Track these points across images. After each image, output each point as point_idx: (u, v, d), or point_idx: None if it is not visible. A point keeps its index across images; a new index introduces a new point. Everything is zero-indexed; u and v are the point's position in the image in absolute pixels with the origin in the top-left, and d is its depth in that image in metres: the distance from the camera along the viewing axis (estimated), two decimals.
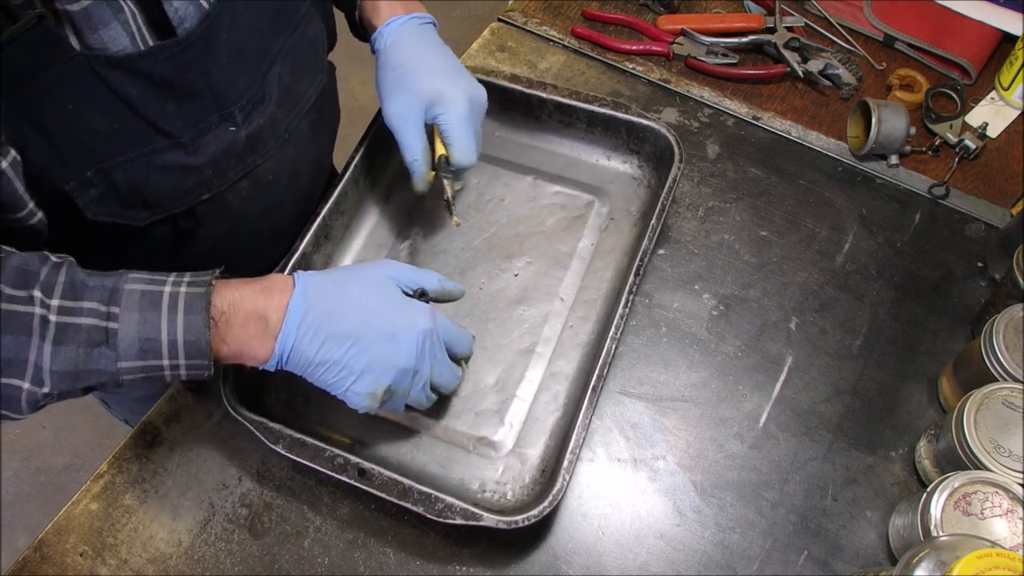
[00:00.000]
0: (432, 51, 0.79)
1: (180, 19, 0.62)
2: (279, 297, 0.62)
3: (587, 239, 0.87)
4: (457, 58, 0.81)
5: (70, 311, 0.55)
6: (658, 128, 0.87)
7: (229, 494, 0.75)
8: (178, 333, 0.58)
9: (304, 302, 0.62)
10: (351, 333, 0.63)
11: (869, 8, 1.09)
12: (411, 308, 0.66)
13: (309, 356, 0.63)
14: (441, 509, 0.65)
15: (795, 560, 0.72)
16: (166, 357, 0.58)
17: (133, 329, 0.57)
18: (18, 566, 0.72)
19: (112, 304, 0.56)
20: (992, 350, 0.72)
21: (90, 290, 0.57)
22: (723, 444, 0.78)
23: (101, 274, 0.58)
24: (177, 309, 0.58)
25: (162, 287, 0.58)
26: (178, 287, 0.59)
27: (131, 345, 0.57)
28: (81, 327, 0.56)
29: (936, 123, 0.99)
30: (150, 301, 0.57)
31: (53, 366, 0.55)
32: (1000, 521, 0.64)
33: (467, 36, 1.21)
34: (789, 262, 0.89)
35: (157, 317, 0.57)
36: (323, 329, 0.62)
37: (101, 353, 0.56)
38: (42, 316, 0.55)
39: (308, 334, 0.62)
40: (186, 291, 0.58)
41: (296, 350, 0.62)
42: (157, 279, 0.59)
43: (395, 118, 0.77)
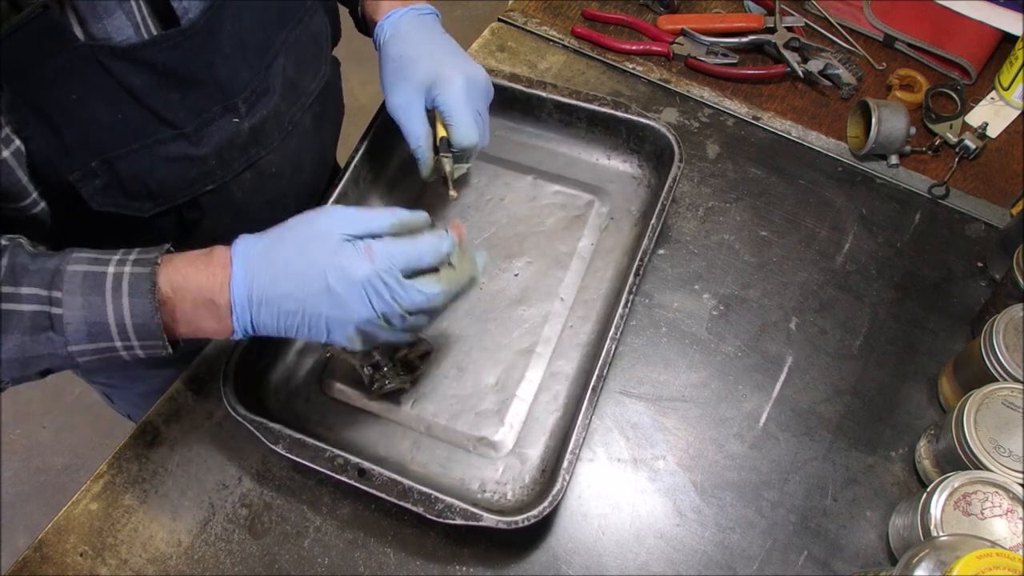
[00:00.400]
0: (430, 40, 0.79)
1: (184, 10, 0.62)
2: (221, 274, 0.59)
3: (587, 239, 0.87)
4: (457, 44, 0.80)
5: (10, 297, 0.55)
6: (658, 127, 0.87)
7: (229, 494, 0.75)
8: (125, 316, 0.56)
9: (245, 276, 0.59)
10: (294, 297, 0.59)
11: (869, 8, 1.09)
12: (342, 258, 0.59)
13: (272, 326, 0.60)
14: (441, 509, 0.65)
15: (795, 560, 0.72)
16: (117, 339, 0.57)
17: (78, 313, 0.56)
18: (18, 566, 0.72)
19: (54, 288, 0.55)
20: (992, 350, 0.72)
21: (31, 274, 0.56)
22: (723, 444, 0.78)
23: (45, 255, 0.57)
24: (121, 291, 0.56)
25: (105, 267, 0.57)
26: (122, 267, 0.57)
27: (78, 329, 0.56)
28: (23, 313, 0.55)
29: (936, 123, 0.99)
30: (93, 283, 0.56)
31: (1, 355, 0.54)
32: (1000, 521, 0.64)
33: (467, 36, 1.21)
34: (789, 262, 0.89)
35: (101, 301, 0.56)
36: (271, 300, 0.59)
37: (48, 338, 0.55)
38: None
39: (261, 308, 0.59)
40: (130, 271, 0.57)
41: (257, 323, 0.60)
42: (101, 258, 0.57)
43: (397, 109, 0.77)
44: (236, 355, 0.73)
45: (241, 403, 0.71)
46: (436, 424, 0.76)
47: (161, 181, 0.66)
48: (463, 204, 0.89)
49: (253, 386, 0.76)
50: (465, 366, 0.79)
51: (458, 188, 0.81)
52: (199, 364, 0.82)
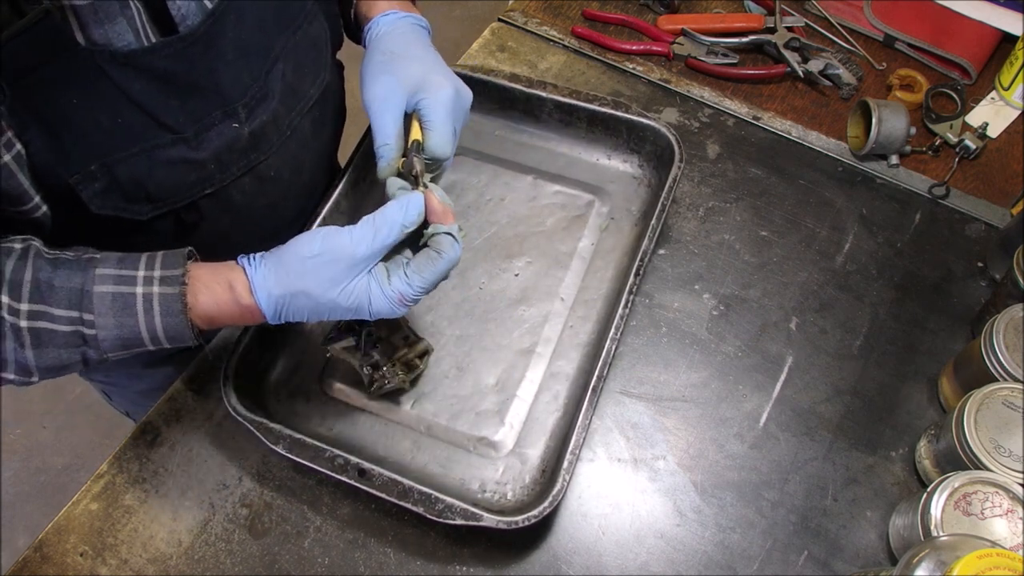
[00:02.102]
0: (423, 47, 0.78)
1: (182, 16, 0.62)
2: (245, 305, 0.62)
3: (587, 239, 0.87)
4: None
5: (40, 315, 0.57)
6: (658, 127, 0.87)
7: (229, 494, 0.75)
8: (158, 331, 0.60)
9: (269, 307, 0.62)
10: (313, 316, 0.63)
11: (869, 8, 1.09)
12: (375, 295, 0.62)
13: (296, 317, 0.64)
14: (441, 509, 0.65)
15: (795, 560, 0.72)
16: (149, 344, 0.61)
17: (112, 332, 0.59)
18: (18, 566, 0.72)
19: (85, 311, 0.58)
20: (992, 350, 0.72)
21: (57, 292, 0.57)
22: (723, 444, 0.78)
23: (67, 269, 0.58)
24: (153, 312, 0.59)
25: (133, 287, 0.59)
26: (150, 287, 0.59)
27: (113, 344, 0.59)
28: (58, 333, 0.57)
29: (936, 123, 0.99)
30: (123, 306, 0.59)
31: (39, 363, 0.58)
32: (1000, 521, 0.64)
33: (467, 36, 1.20)
34: (789, 262, 0.89)
35: (134, 321, 0.59)
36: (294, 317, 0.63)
37: (84, 351, 0.59)
38: (12, 325, 0.56)
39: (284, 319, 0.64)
40: (159, 292, 0.59)
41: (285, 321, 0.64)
42: (126, 276, 0.59)
43: (375, 100, 0.72)
44: (236, 355, 0.73)
45: (241, 403, 0.71)
46: (436, 424, 0.76)
47: (160, 185, 0.66)
48: (463, 204, 0.89)
49: (253, 386, 0.76)
50: (465, 366, 0.79)
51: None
52: (199, 364, 0.82)
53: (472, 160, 0.93)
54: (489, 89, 0.92)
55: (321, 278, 0.61)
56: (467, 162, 0.93)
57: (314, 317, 0.63)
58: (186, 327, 0.60)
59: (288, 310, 0.62)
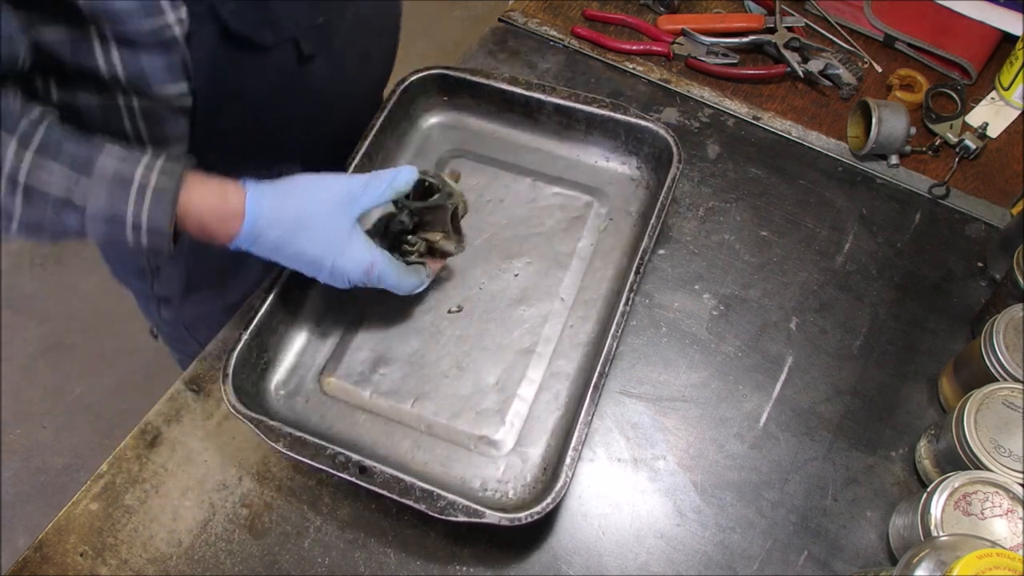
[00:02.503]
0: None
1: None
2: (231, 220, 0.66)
3: (586, 239, 0.87)
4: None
5: (41, 168, 0.59)
6: (656, 129, 0.87)
7: (229, 494, 0.75)
8: (142, 218, 0.61)
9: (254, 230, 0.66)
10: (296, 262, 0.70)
11: (869, 8, 1.09)
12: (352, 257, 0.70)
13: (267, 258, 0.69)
14: (443, 506, 0.65)
15: (795, 560, 0.72)
16: (129, 233, 0.62)
17: (100, 205, 0.60)
18: (18, 566, 0.72)
19: (83, 173, 0.60)
20: (992, 350, 0.72)
21: (63, 154, 0.60)
22: (723, 444, 0.78)
23: (79, 140, 0.61)
24: (144, 199, 0.61)
25: (135, 168, 0.61)
26: (149, 172, 0.62)
27: (96, 216, 0.61)
28: (48, 195, 0.59)
29: (936, 123, 1.00)
30: (120, 183, 0.61)
31: (22, 216, 0.60)
32: (1000, 521, 0.64)
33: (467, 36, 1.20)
34: (789, 262, 0.89)
35: (124, 202, 0.61)
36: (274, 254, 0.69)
37: (68, 216, 0.60)
38: (12, 170, 0.58)
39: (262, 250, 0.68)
40: (155, 183, 0.61)
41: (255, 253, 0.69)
42: (131, 157, 0.62)
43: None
44: (235, 354, 0.73)
45: (241, 402, 0.71)
46: (437, 423, 0.76)
47: (282, 4, 0.71)
48: None
49: (253, 385, 0.76)
50: (466, 365, 0.79)
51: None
52: (199, 364, 0.82)
53: (472, 162, 0.93)
54: (489, 92, 0.92)
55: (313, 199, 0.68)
56: (467, 164, 0.93)
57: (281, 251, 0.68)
58: (168, 217, 0.61)
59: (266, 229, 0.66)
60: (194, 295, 0.97)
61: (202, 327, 1.03)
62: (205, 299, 0.98)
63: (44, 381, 1.95)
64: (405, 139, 0.94)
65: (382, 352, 0.80)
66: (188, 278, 0.94)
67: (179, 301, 0.98)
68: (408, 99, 0.92)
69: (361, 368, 0.79)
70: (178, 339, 1.09)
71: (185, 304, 0.99)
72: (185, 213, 0.64)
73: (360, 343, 0.81)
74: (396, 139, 0.92)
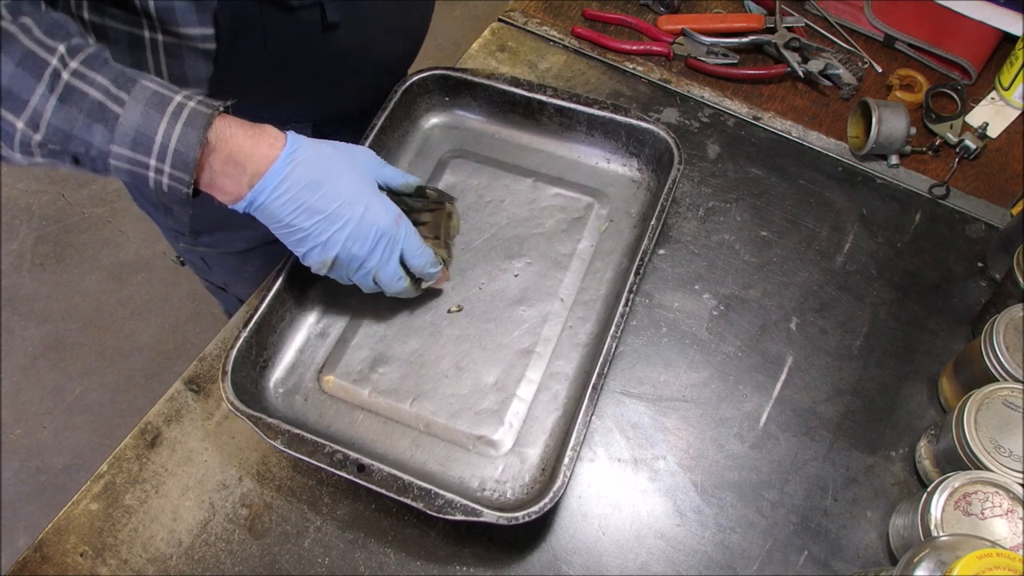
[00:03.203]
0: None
1: None
2: (266, 148, 0.65)
3: (586, 240, 0.87)
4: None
5: (83, 77, 0.58)
6: (657, 131, 0.87)
7: (229, 494, 0.75)
8: (172, 139, 0.61)
9: (289, 164, 0.66)
10: (323, 209, 0.68)
11: (869, 8, 1.09)
12: (382, 204, 0.71)
13: (278, 217, 0.67)
14: (441, 505, 0.65)
15: (795, 560, 0.72)
16: (154, 157, 0.61)
17: (134, 119, 0.60)
18: (18, 566, 0.72)
19: (123, 89, 0.59)
20: (992, 350, 0.72)
21: (109, 68, 0.60)
22: (723, 444, 0.78)
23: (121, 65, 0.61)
24: (179, 118, 0.61)
25: (174, 95, 0.61)
26: (188, 100, 0.62)
27: (126, 133, 0.60)
28: (87, 96, 0.58)
29: (936, 123, 1.00)
30: (159, 102, 0.60)
31: (52, 119, 0.58)
32: (1000, 521, 0.64)
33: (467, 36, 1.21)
34: (789, 262, 0.89)
35: (159, 118, 0.60)
36: (299, 197, 0.67)
37: (98, 128, 0.59)
38: (56, 69, 0.57)
39: (283, 197, 0.66)
40: (193, 106, 0.61)
41: (267, 207, 0.66)
42: (173, 88, 0.62)
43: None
44: (235, 352, 0.73)
45: (240, 400, 0.71)
46: (435, 422, 0.76)
47: None
48: (464, 206, 0.89)
49: (252, 383, 0.76)
50: (465, 365, 0.79)
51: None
52: (199, 364, 0.82)
53: (472, 163, 0.93)
54: (490, 93, 0.92)
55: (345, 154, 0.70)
56: (467, 164, 0.93)
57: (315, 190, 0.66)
58: (197, 142, 0.61)
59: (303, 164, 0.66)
60: (204, 235, 0.99)
61: (217, 265, 1.07)
62: (216, 241, 1.00)
63: (44, 381, 1.95)
64: (406, 139, 0.94)
65: (381, 351, 0.80)
66: (192, 222, 0.95)
67: (191, 238, 1.00)
68: (409, 99, 0.92)
69: (360, 367, 0.79)
70: (199, 268, 1.11)
71: (198, 244, 1.01)
72: (217, 139, 0.63)
73: (359, 342, 0.81)
74: (397, 139, 0.92)
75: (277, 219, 0.68)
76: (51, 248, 2.18)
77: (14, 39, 0.56)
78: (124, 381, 1.96)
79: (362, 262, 0.72)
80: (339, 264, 0.72)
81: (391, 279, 0.75)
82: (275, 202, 0.66)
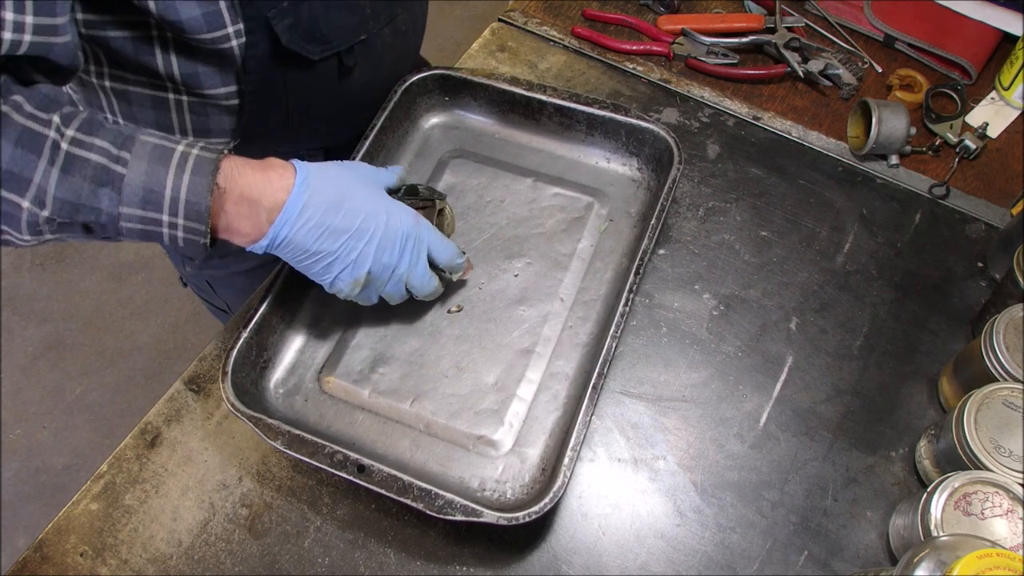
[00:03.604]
0: None
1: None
2: (278, 180, 0.64)
3: (586, 240, 0.87)
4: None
5: (82, 144, 0.58)
6: (657, 131, 0.87)
7: (229, 494, 0.75)
8: (181, 191, 0.60)
9: (306, 191, 0.65)
10: (348, 228, 0.67)
11: (869, 8, 1.09)
12: (400, 209, 0.71)
13: (304, 246, 0.66)
14: (441, 505, 0.65)
15: (795, 560, 0.72)
16: (166, 212, 0.60)
17: (139, 177, 0.59)
18: (18, 566, 0.72)
19: (124, 149, 0.59)
20: (992, 350, 0.72)
21: (106, 130, 0.59)
22: (723, 444, 0.78)
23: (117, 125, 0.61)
24: (185, 168, 0.60)
25: (175, 145, 0.61)
26: (190, 148, 0.61)
27: (135, 192, 0.59)
28: (89, 162, 0.58)
29: (936, 123, 1.00)
30: (160, 155, 0.60)
31: (56, 192, 0.57)
32: (1000, 521, 0.64)
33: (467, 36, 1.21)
34: (789, 262, 0.89)
35: (164, 171, 0.59)
36: (324, 221, 0.65)
37: (105, 193, 0.58)
38: (54, 141, 0.57)
39: (308, 225, 0.65)
40: (197, 154, 0.61)
41: (291, 239, 0.65)
42: (172, 138, 0.62)
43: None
44: (235, 353, 0.73)
45: (240, 400, 0.71)
46: (435, 422, 0.76)
47: (330, 25, 0.76)
48: (464, 206, 0.89)
49: (252, 384, 0.76)
50: (465, 365, 0.79)
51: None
52: (199, 364, 0.82)
53: (472, 163, 0.93)
54: (490, 93, 0.92)
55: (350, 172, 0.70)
56: (467, 164, 0.93)
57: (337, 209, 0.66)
58: (207, 190, 0.60)
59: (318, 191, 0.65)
60: (217, 257, 0.99)
61: (223, 286, 1.07)
62: (228, 263, 1.00)
63: (44, 381, 1.95)
64: (406, 139, 0.94)
65: (381, 351, 0.80)
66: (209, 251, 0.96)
67: (201, 262, 1.00)
68: (409, 99, 0.92)
69: (360, 367, 0.79)
70: (203, 290, 1.11)
71: (206, 266, 1.01)
72: (227, 180, 0.62)
73: (359, 342, 0.81)
74: (397, 139, 0.92)
75: (303, 249, 0.66)
76: (51, 248, 2.18)
77: (8, 118, 0.55)
78: (124, 381, 1.96)
79: (393, 269, 0.71)
80: (372, 279, 0.70)
81: (423, 281, 0.74)
82: (300, 231, 0.65)
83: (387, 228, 0.69)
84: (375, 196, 0.70)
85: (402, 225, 0.70)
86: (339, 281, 0.69)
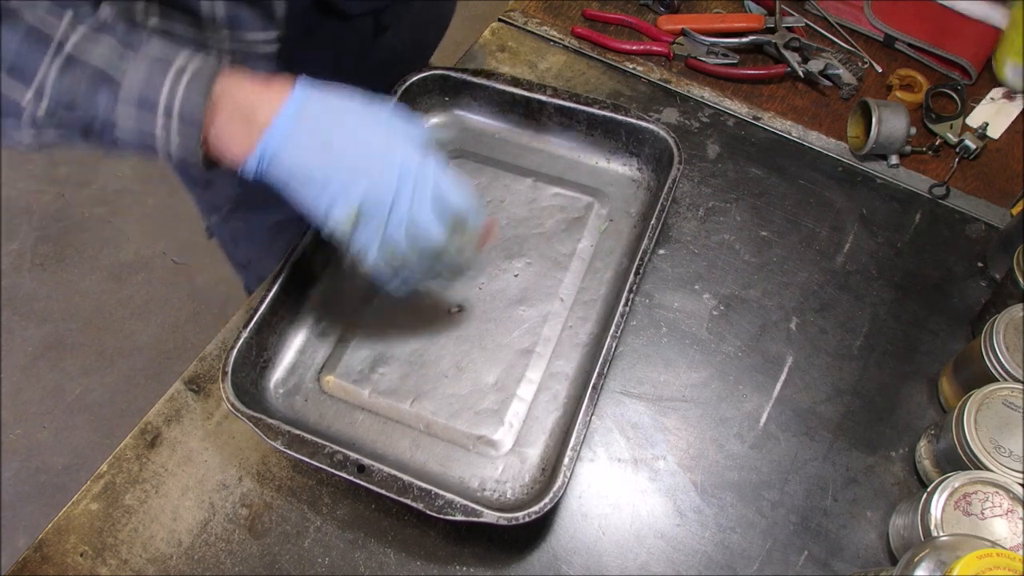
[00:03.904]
0: None
1: None
2: (275, 95, 0.61)
3: (586, 240, 0.87)
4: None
5: (87, 43, 0.58)
6: (657, 130, 0.87)
7: (229, 494, 0.75)
8: (177, 96, 0.59)
9: (301, 106, 0.61)
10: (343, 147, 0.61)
11: (869, 8, 1.09)
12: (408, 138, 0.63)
13: (293, 165, 0.61)
14: (441, 505, 0.65)
15: (795, 560, 0.72)
16: (161, 115, 0.59)
17: (137, 82, 0.58)
18: (18, 566, 0.72)
19: (128, 48, 0.58)
20: (992, 350, 0.72)
21: (116, 31, 0.59)
22: (723, 444, 0.78)
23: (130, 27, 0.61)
24: (182, 78, 0.59)
25: (177, 52, 0.60)
26: (190, 58, 0.60)
27: (130, 97, 0.58)
28: (88, 64, 0.57)
29: (936, 123, 1.00)
30: (161, 62, 0.59)
31: (56, 85, 0.57)
32: (1000, 521, 0.64)
33: (467, 36, 1.21)
34: (789, 262, 0.89)
35: (160, 82, 0.59)
36: (317, 135, 0.61)
37: (101, 94, 0.58)
38: (61, 39, 0.57)
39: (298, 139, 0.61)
40: (196, 65, 0.60)
41: (280, 155, 0.61)
42: (176, 47, 0.61)
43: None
44: (235, 353, 0.73)
45: (240, 400, 0.71)
46: (435, 422, 0.76)
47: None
48: None
49: (252, 384, 0.76)
50: (464, 365, 0.79)
51: None
52: (199, 364, 0.82)
53: (472, 163, 0.93)
54: (490, 93, 0.92)
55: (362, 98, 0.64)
56: (467, 164, 0.93)
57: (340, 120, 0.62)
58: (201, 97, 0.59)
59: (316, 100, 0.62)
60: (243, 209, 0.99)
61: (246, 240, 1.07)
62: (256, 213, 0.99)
63: (44, 381, 1.96)
64: None
65: (381, 351, 0.80)
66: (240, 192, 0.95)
67: (227, 213, 0.99)
68: (409, 99, 0.92)
69: (360, 367, 0.79)
70: (226, 243, 1.11)
71: (232, 218, 1.01)
72: (223, 91, 0.60)
73: (359, 342, 0.81)
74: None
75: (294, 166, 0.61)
76: (51, 248, 2.18)
77: (18, 14, 0.56)
78: (124, 381, 1.96)
79: (390, 207, 0.62)
80: (364, 216, 0.62)
81: (425, 225, 0.63)
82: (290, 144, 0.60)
83: (386, 155, 0.62)
84: (382, 122, 0.64)
85: (404, 155, 0.62)
86: (333, 213, 0.62)
